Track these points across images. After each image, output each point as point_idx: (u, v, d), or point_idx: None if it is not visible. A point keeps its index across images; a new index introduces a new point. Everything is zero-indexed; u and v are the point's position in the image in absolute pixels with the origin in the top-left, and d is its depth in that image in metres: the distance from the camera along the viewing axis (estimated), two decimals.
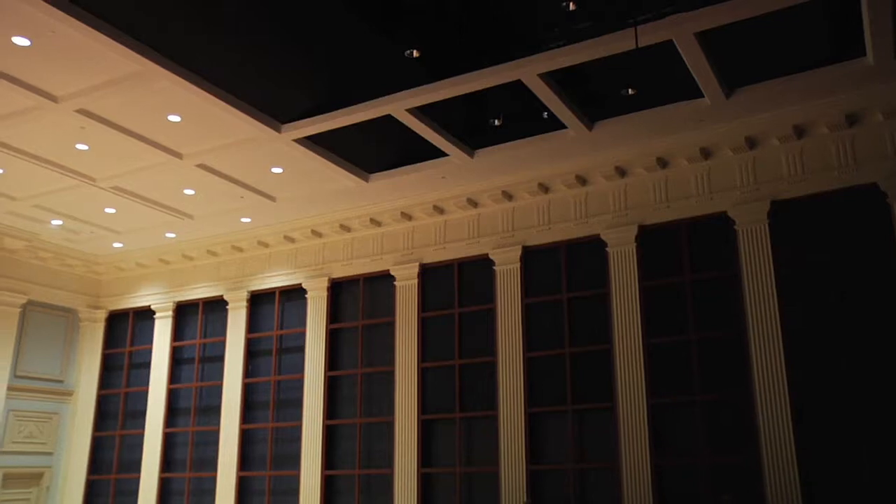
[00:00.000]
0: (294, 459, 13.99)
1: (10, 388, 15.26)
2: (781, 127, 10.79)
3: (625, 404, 11.36)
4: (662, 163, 11.70)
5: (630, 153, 11.74)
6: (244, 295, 15.31)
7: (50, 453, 16.08)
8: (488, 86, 9.83)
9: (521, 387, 12.22)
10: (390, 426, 13.23)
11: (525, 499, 11.56)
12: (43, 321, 16.25)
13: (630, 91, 9.35)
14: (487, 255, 13.06)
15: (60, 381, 16.48)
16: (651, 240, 11.89)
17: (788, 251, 10.87)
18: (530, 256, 12.81)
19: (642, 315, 11.59)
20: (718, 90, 10.02)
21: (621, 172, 12.02)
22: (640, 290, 11.70)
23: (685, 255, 11.63)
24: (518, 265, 12.76)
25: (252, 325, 15.25)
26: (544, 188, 12.60)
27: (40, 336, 16.17)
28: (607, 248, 12.09)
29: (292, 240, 14.86)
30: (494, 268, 12.96)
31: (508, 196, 12.90)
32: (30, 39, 8.86)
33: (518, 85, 9.79)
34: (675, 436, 11.11)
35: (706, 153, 11.41)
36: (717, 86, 9.91)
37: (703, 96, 10.28)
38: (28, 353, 15.87)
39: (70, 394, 16.55)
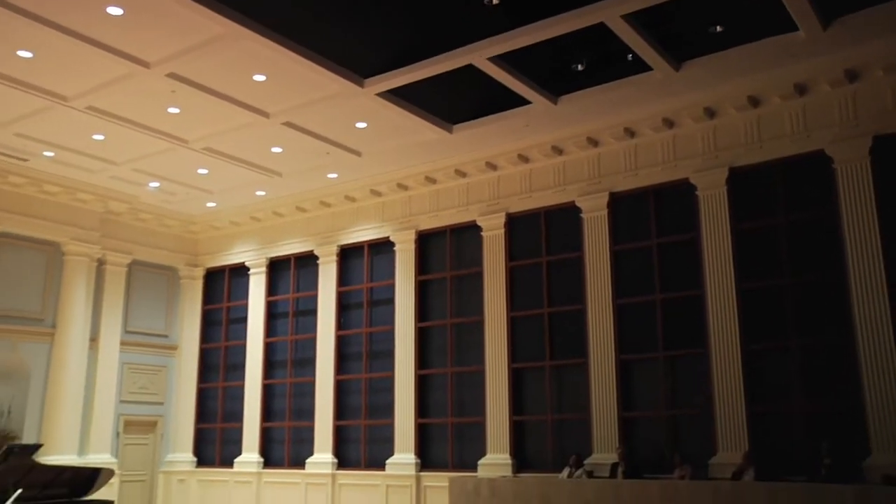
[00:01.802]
0: (388, 409, 14.36)
1: (122, 343, 16.15)
2: (886, 57, 10.19)
3: (718, 351, 11.16)
4: (754, 101, 11.26)
5: (719, 93, 11.33)
6: (334, 249, 15.63)
7: (161, 403, 16.99)
8: (570, 30, 9.61)
9: (612, 334, 12.15)
10: (481, 375, 13.39)
11: (617, 446, 11.57)
12: (146, 280, 17.03)
13: (717, 28, 9.02)
14: (574, 202, 12.92)
15: (165, 336, 17.29)
16: (743, 182, 11.52)
17: (891, 188, 10.36)
18: (617, 203, 12.61)
19: (734, 259, 11.31)
20: (815, 21, 9.52)
21: (710, 113, 11.63)
22: (731, 234, 11.39)
23: (779, 197, 11.24)
24: (605, 212, 12.58)
25: (342, 278, 15.58)
26: (630, 133, 12.33)
27: (145, 294, 16.96)
28: (697, 192, 11.78)
29: (379, 193, 15.03)
30: (581, 215, 12.83)
31: (594, 142, 12.68)
32: (122, 8, 9.14)
33: (600, 28, 9.54)
34: (770, 382, 10.88)
35: (801, 89, 10.91)
36: (813, 17, 9.42)
37: (797, 29, 9.79)
38: (135, 310, 16.71)
39: (175, 348, 17.36)
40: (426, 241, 14.67)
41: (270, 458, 15.82)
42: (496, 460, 12.75)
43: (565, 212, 13.08)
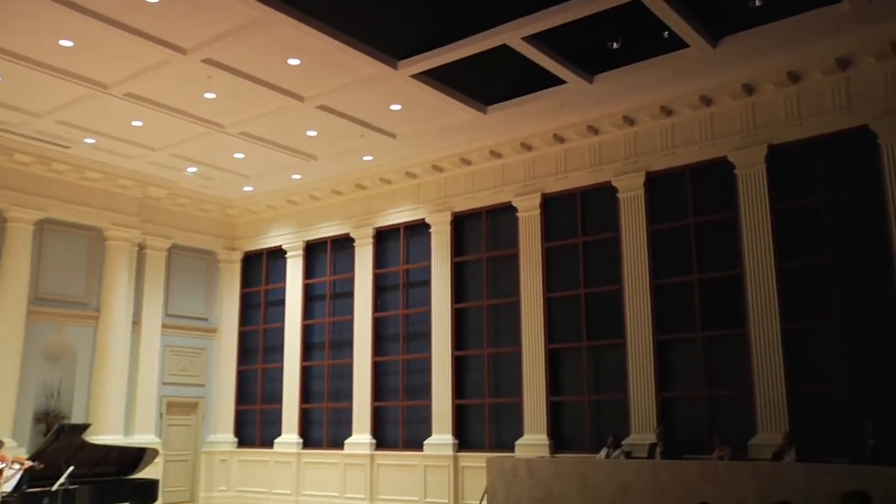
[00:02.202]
0: (425, 390, 14.45)
1: (163, 326, 16.44)
2: None
3: (757, 331, 11.04)
4: (794, 77, 11.04)
5: (758, 69, 11.13)
6: (370, 232, 15.71)
7: (202, 385, 17.28)
8: (605, 8, 9.50)
9: (649, 314, 12.07)
10: (517, 356, 13.40)
11: (655, 426, 11.52)
12: (186, 264, 17.28)
13: (756, 2, 8.83)
14: (610, 182, 12.82)
15: (205, 319, 17.55)
16: (782, 159, 11.32)
17: None
18: (654, 182, 12.49)
19: (774, 238, 11.14)
20: None
21: (749, 90, 11.44)
22: (771, 213, 11.23)
23: (820, 174, 11.03)
24: (641, 192, 12.47)
25: (379, 260, 15.66)
26: (667, 111, 12.18)
27: (184, 277, 17.22)
28: (735, 171, 11.62)
29: (414, 175, 15.05)
30: (618, 195, 12.73)
31: (630, 121, 12.55)
32: None
33: (636, 5, 9.41)
34: (811, 362, 10.74)
35: (844, 64, 10.67)
36: None
37: (839, 1, 9.56)
38: (175, 294, 16.98)
39: (214, 331, 17.61)
40: (462, 223, 14.67)
41: (309, 438, 16.02)
42: (533, 441, 12.78)
43: (601, 192, 12.99)
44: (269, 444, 16.38)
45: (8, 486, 9.08)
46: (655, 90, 11.85)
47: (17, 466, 9.20)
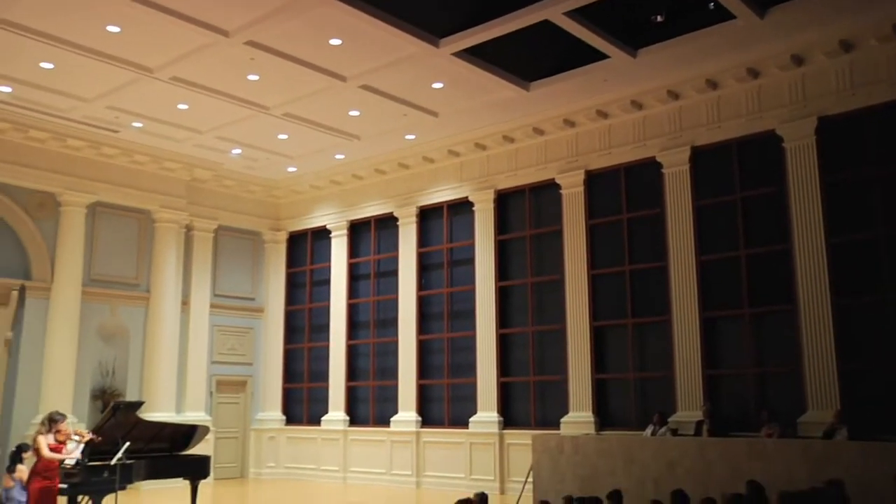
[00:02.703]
0: (470, 367, 14.51)
1: (212, 306, 16.75)
2: None
3: (807, 306, 10.86)
4: (846, 46, 10.75)
5: (808, 39, 10.85)
6: (413, 211, 15.76)
7: (250, 364, 17.58)
8: None
9: (695, 291, 11.95)
10: (562, 334, 13.38)
11: (702, 403, 11.44)
12: (232, 244, 17.54)
13: None
14: (654, 157, 12.67)
15: (252, 299, 17.82)
16: (833, 132, 11.06)
17: None
18: (699, 157, 12.31)
19: (824, 212, 10.92)
20: None
21: (798, 61, 11.17)
22: (821, 186, 10.99)
23: (872, 147, 10.77)
24: (687, 167, 12.31)
25: (422, 239, 15.71)
26: (712, 84, 11.96)
27: (231, 258, 17.49)
28: (784, 144, 11.39)
29: (457, 154, 15.03)
30: (662, 171, 12.58)
31: (674, 95, 12.36)
32: None
33: None
34: (863, 338, 10.54)
35: None
36: None
37: None
38: (222, 274, 17.27)
39: (261, 310, 17.88)
40: (505, 201, 14.63)
41: (356, 416, 16.22)
42: (579, 418, 12.78)
43: (646, 167, 12.84)
44: (317, 422, 16.63)
45: (71, 460, 9.41)
46: (700, 63, 11.64)
47: (77, 438, 9.51)
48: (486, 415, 14.00)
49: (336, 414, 16.31)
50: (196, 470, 11.77)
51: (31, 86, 12.37)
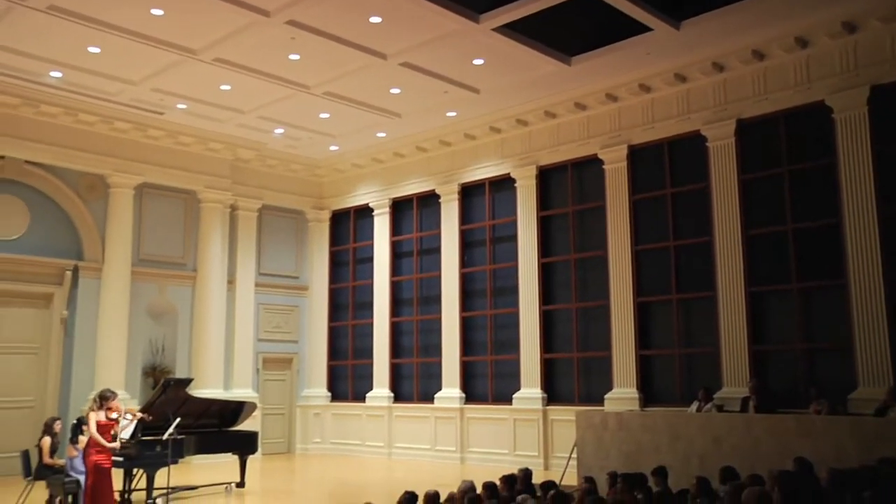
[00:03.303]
0: (513, 344, 14.53)
1: (257, 285, 16.99)
2: None
3: (858, 281, 10.65)
4: None
5: (859, 5, 10.53)
6: (455, 188, 15.75)
7: (295, 341, 17.83)
8: None
9: (741, 266, 11.79)
10: (606, 310, 13.32)
11: (749, 379, 11.31)
12: (276, 224, 17.74)
13: None
14: (699, 131, 12.47)
15: (296, 278, 18.03)
16: (885, 101, 10.76)
17: None
18: (745, 129, 12.08)
19: (876, 184, 10.66)
20: None
21: (850, 28, 10.86)
22: (873, 157, 10.73)
23: None
24: (732, 140, 12.10)
25: (464, 216, 15.71)
26: (759, 55, 11.70)
27: (275, 237, 17.70)
28: (833, 115, 11.12)
29: (498, 130, 14.96)
30: (707, 144, 12.39)
31: (719, 67, 12.13)
32: None
33: None
34: None
35: None
36: None
37: None
38: (267, 253, 17.50)
39: (305, 288, 18.08)
40: (547, 177, 14.55)
41: (400, 393, 16.37)
42: (623, 394, 12.74)
43: (690, 141, 12.66)
44: (361, 399, 16.82)
45: (125, 434, 9.69)
46: (746, 34, 11.38)
47: (129, 417, 9.78)
48: (530, 391, 14.03)
49: (381, 391, 16.48)
50: (244, 445, 12.04)
51: (80, 70, 12.60)
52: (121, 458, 9.70)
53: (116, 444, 9.23)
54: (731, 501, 5.31)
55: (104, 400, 9.28)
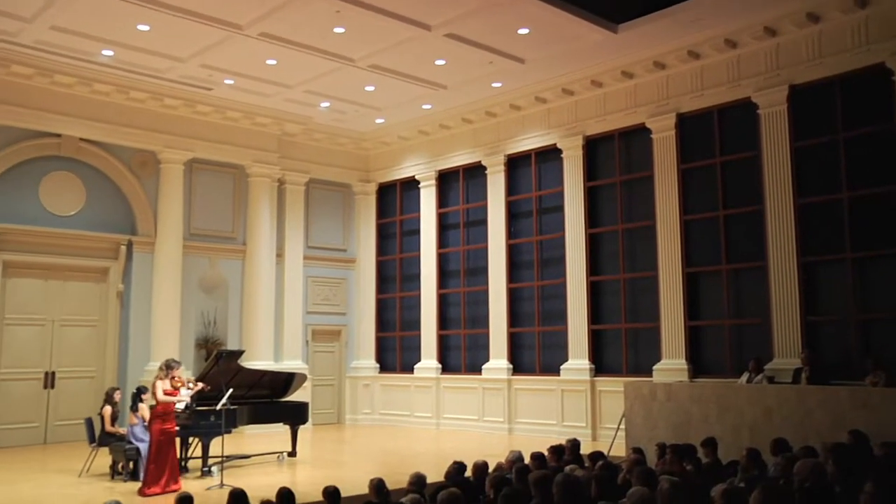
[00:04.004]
0: (560, 315, 14.52)
1: (305, 258, 17.20)
2: None
3: None
4: None
5: None
6: (501, 159, 15.69)
7: (343, 314, 18.04)
8: None
9: (793, 235, 11.58)
10: (654, 280, 13.21)
11: (801, 350, 11.15)
12: (323, 197, 17.90)
13: None
14: (750, 98, 12.21)
15: (344, 251, 18.20)
16: None
17: None
18: (798, 95, 11.79)
19: None
20: None
21: None
22: None
23: None
24: (784, 106, 11.82)
25: (511, 187, 15.66)
26: (814, 18, 11.37)
27: (322, 210, 17.86)
28: (894, 77, 10.77)
29: (544, 100, 14.84)
30: (758, 112, 12.12)
31: (771, 32, 11.82)
32: None
33: None
34: None
35: None
36: None
37: None
38: (314, 226, 17.68)
39: (353, 261, 18.25)
40: (594, 147, 14.41)
41: (448, 364, 16.49)
42: (671, 365, 12.67)
43: (740, 109, 12.40)
44: (410, 370, 16.99)
45: (181, 404, 9.98)
46: None
47: (191, 387, 10.08)
48: (578, 362, 14.02)
49: (429, 362, 16.62)
50: (295, 415, 12.27)
51: (130, 48, 12.81)
52: (178, 428, 9.98)
53: (187, 397, 9.67)
54: (783, 473, 5.28)
55: (170, 369, 9.65)
